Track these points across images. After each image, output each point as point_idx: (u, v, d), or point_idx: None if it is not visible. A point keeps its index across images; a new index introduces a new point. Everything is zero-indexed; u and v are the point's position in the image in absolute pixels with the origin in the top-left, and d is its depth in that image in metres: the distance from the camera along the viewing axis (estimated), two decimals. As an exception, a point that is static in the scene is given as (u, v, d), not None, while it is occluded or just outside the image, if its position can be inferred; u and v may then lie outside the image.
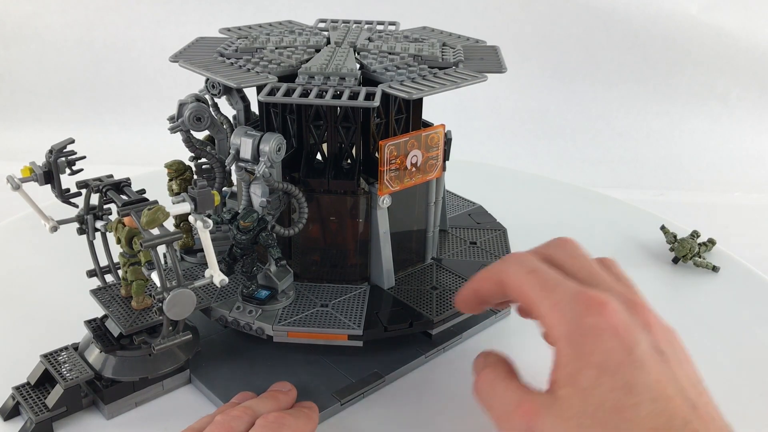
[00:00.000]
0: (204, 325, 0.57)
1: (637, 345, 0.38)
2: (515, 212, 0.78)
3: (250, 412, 0.46)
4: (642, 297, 0.44)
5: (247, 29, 0.66)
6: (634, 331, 0.39)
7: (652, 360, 0.38)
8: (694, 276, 0.74)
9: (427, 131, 0.55)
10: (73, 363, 0.50)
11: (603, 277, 0.44)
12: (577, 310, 0.39)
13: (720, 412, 0.39)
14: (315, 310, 0.55)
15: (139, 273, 0.49)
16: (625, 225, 0.86)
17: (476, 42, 0.65)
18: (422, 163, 0.55)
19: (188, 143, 0.57)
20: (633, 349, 0.38)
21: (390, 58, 0.54)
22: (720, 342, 0.63)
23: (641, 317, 0.40)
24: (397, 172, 0.54)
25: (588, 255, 0.46)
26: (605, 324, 0.38)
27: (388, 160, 0.53)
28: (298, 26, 0.68)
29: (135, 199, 0.47)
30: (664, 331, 0.41)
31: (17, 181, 0.49)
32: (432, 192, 0.60)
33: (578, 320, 0.39)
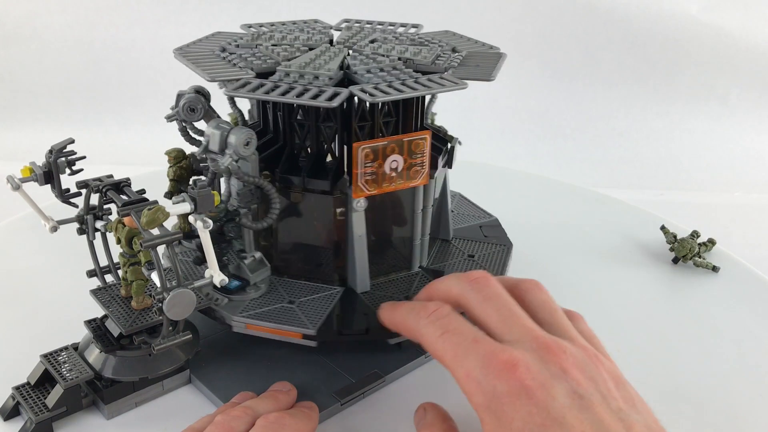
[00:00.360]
0: (204, 325, 0.57)
1: (554, 400, 0.38)
2: (515, 212, 0.78)
3: (251, 412, 0.46)
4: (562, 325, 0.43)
5: (269, 26, 0.66)
6: (548, 385, 0.38)
7: (572, 411, 0.37)
8: (694, 276, 0.74)
9: (409, 137, 0.53)
10: (73, 363, 0.50)
11: (517, 319, 0.43)
12: (488, 378, 0.39)
13: (655, 428, 0.39)
14: (280, 305, 0.55)
15: (139, 273, 0.49)
16: (625, 225, 0.86)
17: (490, 48, 0.64)
18: (404, 168, 0.54)
19: (183, 132, 0.58)
20: (551, 407, 0.37)
21: (377, 61, 0.54)
22: (720, 342, 0.63)
23: (556, 364, 0.39)
24: (374, 175, 0.53)
25: (501, 293, 0.45)
26: (518, 387, 0.38)
27: (363, 163, 0.52)
28: (321, 25, 0.68)
29: (135, 199, 0.47)
30: (583, 368, 0.40)
31: (17, 181, 0.49)
32: (419, 199, 0.58)
33: (492, 389, 0.39)
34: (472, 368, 0.40)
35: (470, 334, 0.42)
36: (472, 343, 0.41)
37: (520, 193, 0.94)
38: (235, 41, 0.60)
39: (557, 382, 0.38)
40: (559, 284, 0.71)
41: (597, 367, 0.41)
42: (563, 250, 0.79)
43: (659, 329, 0.65)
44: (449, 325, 0.43)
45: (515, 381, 0.38)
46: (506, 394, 0.38)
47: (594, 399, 0.38)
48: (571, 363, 0.40)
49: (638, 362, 0.60)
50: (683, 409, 0.54)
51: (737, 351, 0.62)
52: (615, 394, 0.40)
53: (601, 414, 0.38)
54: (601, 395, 0.39)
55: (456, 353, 0.41)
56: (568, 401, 0.38)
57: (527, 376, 0.38)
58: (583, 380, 0.39)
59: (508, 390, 0.38)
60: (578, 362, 0.40)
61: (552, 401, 0.37)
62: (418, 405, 0.48)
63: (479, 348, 0.41)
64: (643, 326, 0.65)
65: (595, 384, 0.39)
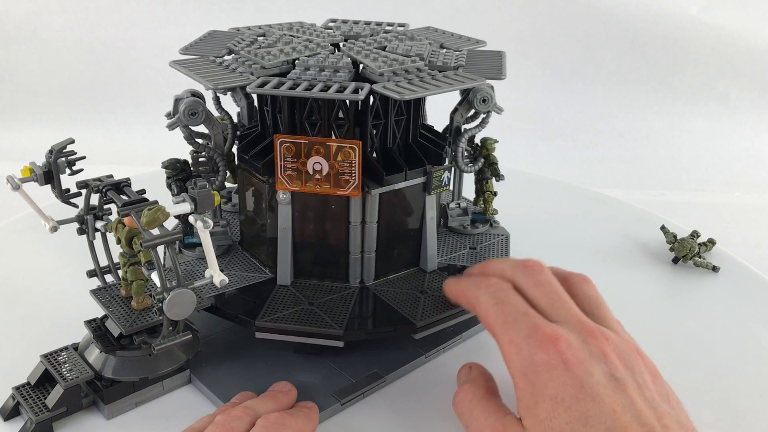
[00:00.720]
0: (204, 325, 0.57)
1: (590, 377, 0.39)
2: (515, 212, 0.78)
3: (251, 412, 0.46)
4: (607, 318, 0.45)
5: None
6: (587, 362, 0.40)
7: (606, 390, 0.39)
8: (694, 276, 0.74)
9: (336, 143, 0.51)
10: (73, 363, 0.50)
11: (564, 303, 0.45)
12: (530, 347, 0.41)
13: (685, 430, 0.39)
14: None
15: (139, 273, 0.49)
16: (625, 225, 0.86)
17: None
18: (331, 174, 0.52)
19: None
20: (585, 382, 0.39)
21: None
22: (720, 342, 0.63)
23: (597, 347, 0.41)
24: (296, 172, 0.53)
25: (552, 281, 0.47)
26: (556, 359, 0.40)
27: (283, 157, 0.52)
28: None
29: (135, 199, 0.47)
30: (622, 356, 0.42)
31: (17, 181, 0.49)
32: (354, 212, 0.55)
33: (531, 356, 0.41)
34: (515, 335, 0.42)
35: (522, 308, 0.44)
36: (522, 315, 0.43)
37: (520, 193, 0.94)
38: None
39: (596, 362, 0.40)
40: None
41: (636, 359, 0.42)
42: (563, 250, 0.79)
43: (659, 329, 0.65)
44: (505, 298, 0.46)
45: (555, 353, 0.40)
46: (544, 364, 0.40)
47: (629, 384, 0.40)
48: (611, 348, 0.41)
49: (638, 362, 0.60)
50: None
51: (737, 351, 0.62)
52: (651, 386, 0.41)
53: (634, 398, 0.39)
54: (637, 384, 0.40)
55: (505, 321, 0.44)
56: (604, 380, 0.39)
57: (568, 351, 0.40)
58: (620, 366, 0.41)
59: (547, 360, 0.40)
60: (618, 350, 0.42)
61: (588, 377, 0.39)
62: (463, 364, 0.50)
63: (527, 320, 0.43)
64: (643, 326, 0.65)
65: (632, 372, 0.41)
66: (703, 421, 0.53)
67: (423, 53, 0.56)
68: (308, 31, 0.64)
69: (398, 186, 0.55)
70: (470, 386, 0.46)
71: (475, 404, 0.45)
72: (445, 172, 0.57)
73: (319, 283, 0.58)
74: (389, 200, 0.56)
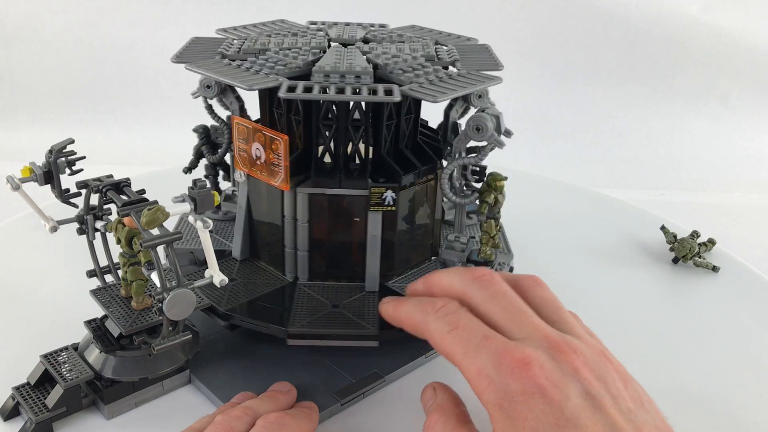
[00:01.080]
0: (204, 325, 0.57)
1: (568, 401, 0.37)
2: (515, 212, 0.78)
3: (251, 412, 0.46)
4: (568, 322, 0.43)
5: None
6: (562, 385, 0.38)
7: (585, 412, 0.37)
8: (694, 276, 0.74)
9: (270, 132, 0.52)
10: (73, 363, 0.50)
11: (525, 316, 0.42)
12: (502, 376, 0.38)
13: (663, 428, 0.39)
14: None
15: (139, 273, 0.49)
16: (625, 225, 0.86)
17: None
18: (266, 162, 0.53)
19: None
20: (564, 407, 0.37)
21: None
22: (720, 342, 0.63)
23: (567, 363, 0.39)
24: (245, 154, 0.54)
25: (507, 291, 0.44)
26: (532, 387, 0.37)
27: (237, 137, 0.54)
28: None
29: (135, 200, 0.47)
30: (593, 368, 0.40)
31: (17, 181, 0.49)
32: (287, 206, 0.56)
33: (505, 387, 0.38)
34: (483, 365, 0.39)
35: (480, 331, 0.41)
36: (482, 340, 0.40)
37: (520, 193, 0.94)
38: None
39: (570, 381, 0.38)
40: (559, 284, 0.71)
41: (606, 366, 0.41)
42: (563, 250, 0.79)
43: (659, 329, 0.65)
44: (459, 322, 0.42)
45: (529, 380, 0.38)
46: (520, 393, 0.38)
47: (605, 400, 0.38)
48: (581, 362, 0.39)
49: (638, 362, 0.60)
50: (683, 409, 0.54)
51: (737, 351, 0.62)
52: (624, 394, 0.40)
53: (613, 416, 0.37)
54: (611, 396, 0.39)
55: (467, 350, 0.40)
56: (581, 401, 0.37)
57: (541, 375, 0.38)
58: (593, 380, 0.39)
59: (522, 389, 0.38)
60: (588, 361, 0.40)
61: (566, 401, 0.37)
62: (426, 385, 0.47)
63: (491, 345, 0.40)
64: (643, 326, 0.65)
65: (605, 384, 0.39)
66: (703, 420, 0.53)
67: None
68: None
69: (329, 192, 0.55)
70: (439, 416, 0.43)
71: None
72: (388, 192, 0.54)
73: (266, 267, 0.61)
74: (326, 204, 0.56)
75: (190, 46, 0.61)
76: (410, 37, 0.64)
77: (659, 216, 0.88)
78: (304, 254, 0.58)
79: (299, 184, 0.55)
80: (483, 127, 0.52)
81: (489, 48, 0.62)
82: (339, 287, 0.58)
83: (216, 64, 0.55)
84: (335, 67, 0.52)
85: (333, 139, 0.56)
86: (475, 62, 0.57)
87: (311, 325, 0.53)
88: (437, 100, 0.47)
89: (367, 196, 0.54)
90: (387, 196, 0.53)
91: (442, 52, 0.58)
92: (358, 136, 0.56)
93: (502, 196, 0.58)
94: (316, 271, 0.59)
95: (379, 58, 0.55)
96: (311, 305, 0.56)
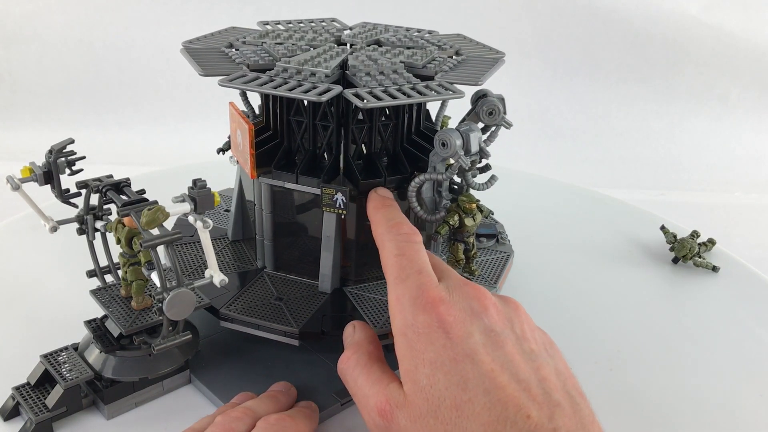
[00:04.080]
0: (204, 325, 0.57)
1: (469, 337, 0.39)
2: (515, 212, 0.78)
3: (251, 413, 0.46)
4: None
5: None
6: (467, 323, 0.40)
7: (486, 348, 0.39)
8: (694, 276, 0.74)
9: (241, 120, 0.52)
10: (73, 363, 0.50)
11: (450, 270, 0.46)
12: (414, 307, 0.41)
13: (563, 379, 0.40)
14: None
15: (139, 273, 0.49)
16: (625, 225, 0.86)
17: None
18: (242, 148, 0.53)
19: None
20: (465, 343, 0.39)
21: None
22: (720, 342, 0.63)
23: (478, 301, 0.41)
24: (234, 138, 0.55)
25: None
26: (437, 322, 0.40)
27: (231, 122, 0.54)
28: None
29: (135, 200, 0.47)
30: (500, 309, 0.42)
31: (17, 181, 0.49)
32: (256, 194, 0.57)
33: (413, 318, 0.41)
34: (403, 294, 0.42)
35: (417, 265, 0.44)
36: (415, 273, 0.43)
37: (520, 193, 0.94)
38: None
39: (475, 319, 0.40)
40: (560, 284, 0.71)
41: (516, 311, 0.43)
42: (563, 250, 0.79)
43: (659, 329, 0.65)
44: (408, 251, 0.45)
45: (436, 315, 0.40)
46: (425, 326, 0.40)
47: (508, 338, 0.40)
48: (491, 303, 0.42)
49: (638, 362, 0.60)
50: (683, 409, 0.54)
51: (737, 351, 0.62)
52: (529, 336, 0.41)
53: (512, 353, 0.39)
54: (516, 336, 0.41)
55: (398, 276, 0.43)
56: (483, 339, 0.39)
57: (448, 313, 0.40)
58: (499, 320, 0.41)
59: (428, 322, 0.40)
60: (498, 305, 0.42)
61: (468, 338, 0.39)
62: (348, 323, 0.49)
63: (418, 279, 0.42)
64: (642, 326, 0.65)
65: (510, 324, 0.41)
66: (703, 420, 0.53)
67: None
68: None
69: (288, 186, 0.55)
70: (353, 352, 0.45)
71: (359, 372, 0.43)
72: (339, 194, 0.52)
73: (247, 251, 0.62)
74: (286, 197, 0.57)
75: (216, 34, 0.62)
76: (424, 44, 0.62)
77: (659, 216, 0.88)
78: (269, 243, 0.59)
79: (265, 174, 0.55)
80: (447, 142, 0.50)
81: (496, 62, 0.59)
82: (298, 282, 0.59)
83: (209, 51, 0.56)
84: (299, 63, 0.51)
85: (303, 135, 0.56)
86: (458, 75, 0.55)
87: (245, 311, 0.54)
88: (366, 105, 0.46)
89: (319, 195, 0.54)
90: (338, 198, 0.53)
91: (436, 63, 0.57)
92: (327, 135, 0.56)
93: (472, 220, 0.54)
94: (281, 262, 0.60)
95: (356, 60, 0.54)
96: (258, 293, 0.57)
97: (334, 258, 0.56)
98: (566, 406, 0.37)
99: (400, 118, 0.56)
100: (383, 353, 0.46)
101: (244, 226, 0.64)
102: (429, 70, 0.55)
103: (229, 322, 0.54)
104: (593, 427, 0.37)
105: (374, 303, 0.56)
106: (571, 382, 0.40)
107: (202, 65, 0.52)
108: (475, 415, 0.36)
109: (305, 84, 0.49)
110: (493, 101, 0.55)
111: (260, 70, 0.52)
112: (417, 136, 0.60)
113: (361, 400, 0.43)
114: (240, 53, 0.56)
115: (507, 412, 0.36)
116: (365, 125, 0.55)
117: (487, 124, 0.56)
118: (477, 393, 0.37)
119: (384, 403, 0.40)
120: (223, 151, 0.70)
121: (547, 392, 0.37)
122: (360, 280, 0.59)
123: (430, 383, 0.38)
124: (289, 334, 0.53)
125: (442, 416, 0.37)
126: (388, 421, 0.40)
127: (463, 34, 0.69)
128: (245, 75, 0.50)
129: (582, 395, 0.39)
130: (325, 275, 0.57)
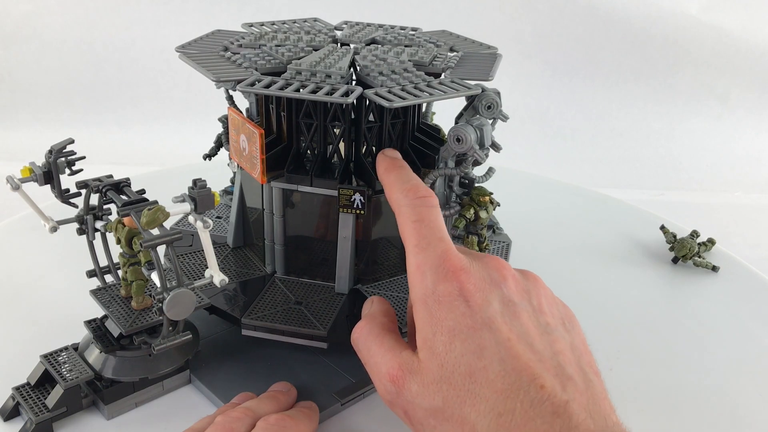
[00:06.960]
0: (204, 325, 0.57)
1: (488, 306, 0.39)
2: (515, 212, 0.78)
3: (251, 413, 0.46)
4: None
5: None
6: (487, 291, 0.40)
7: (503, 318, 0.39)
8: (694, 276, 0.74)
9: (250, 124, 0.52)
10: (73, 363, 0.50)
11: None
12: (436, 276, 0.41)
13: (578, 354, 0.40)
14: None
15: (139, 273, 0.49)
16: (625, 225, 0.86)
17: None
18: (249, 154, 0.53)
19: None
20: (483, 311, 0.39)
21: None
22: (720, 342, 0.63)
23: (498, 271, 0.42)
24: (237, 145, 0.54)
25: None
26: (457, 290, 0.40)
27: (231, 128, 0.54)
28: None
29: (135, 200, 0.47)
30: (519, 281, 0.42)
31: (17, 181, 0.49)
32: (265, 198, 0.56)
33: (434, 286, 0.41)
34: (424, 262, 0.42)
35: (439, 232, 0.44)
36: (437, 240, 0.43)
37: (521, 193, 0.94)
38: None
39: (495, 288, 0.40)
40: (559, 284, 0.71)
41: (535, 284, 0.43)
42: (563, 250, 0.79)
43: (659, 329, 0.65)
44: (427, 216, 0.44)
45: (456, 284, 0.40)
46: (446, 294, 0.40)
47: (525, 309, 0.40)
48: (510, 274, 0.42)
49: (638, 362, 0.60)
50: (683, 409, 0.54)
51: (737, 351, 0.62)
52: (545, 309, 0.42)
53: (527, 325, 0.39)
54: (532, 308, 0.41)
55: (418, 243, 0.43)
56: (501, 307, 0.39)
57: (469, 281, 0.40)
58: (517, 291, 0.41)
59: (449, 291, 0.40)
60: (517, 276, 0.43)
61: (486, 306, 0.39)
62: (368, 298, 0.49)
63: (440, 246, 0.42)
64: (642, 326, 0.65)
65: (528, 296, 0.42)
66: (703, 420, 0.53)
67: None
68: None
69: (302, 189, 0.55)
70: (366, 323, 0.45)
71: (371, 341, 0.43)
72: (357, 194, 0.53)
73: (252, 257, 0.61)
74: (300, 201, 0.57)
75: (205, 37, 0.62)
76: (421, 41, 0.63)
77: (659, 216, 0.88)
78: (280, 248, 0.59)
79: (276, 178, 0.55)
80: (463, 138, 0.51)
81: (496, 57, 0.60)
82: (312, 285, 0.59)
83: (207, 54, 0.56)
84: (311, 65, 0.51)
85: (313, 138, 0.56)
86: (467, 71, 0.56)
87: (266, 318, 0.54)
88: (393, 105, 0.46)
89: (336, 196, 0.54)
90: (356, 198, 0.53)
91: (441, 60, 0.58)
92: (338, 136, 0.55)
93: (486, 213, 0.56)
94: (292, 267, 0.59)
95: (365, 60, 0.54)
96: (275, 299, 0.56)
97: (350, 258, 0.56)
98: (579, 380, 0.37)
99: (408, 116, 0.57)
100: (398, 326, 0.46)
101: (245, 233, 0.64)
102: (436, 67, 0.55)
103: (251, 330, 0.54)
104: (604, 404, 0.37)
105: (391, 300, 0.56)
106: (586, 359, 0.40)
107: (212, 71, 0.51)
108: (489, 382, 0.36)
109: (324, 86, 0.48)
110: (491, 95, 0.55)
111: (270, 73, 0.52)
112: (418, 132, 0.60)
113: (372, 368, 0.43)
114: (244, 57, 0.55)
115: (521, 381, 0.36)
116: (376, 124, 0.55)
117: (486, 117, 0.56)
118: (492, 360, 0.37)
119: (396, 369, 0.40)
120: (209, 156, 0.70)
121: (560, 365, 0.38)
122: (374, 278, 0.59)
123: (446, 350, 0.38)
124: (317, 337, 0.53)
125: (455, 382, 0.37)
126: (399, 387, 0.40)
127: (448, 31, 0.69)
128: (261, 79, 0.49)
129: (596, 372, 0.40)
130: (342, 276, 0.57)
